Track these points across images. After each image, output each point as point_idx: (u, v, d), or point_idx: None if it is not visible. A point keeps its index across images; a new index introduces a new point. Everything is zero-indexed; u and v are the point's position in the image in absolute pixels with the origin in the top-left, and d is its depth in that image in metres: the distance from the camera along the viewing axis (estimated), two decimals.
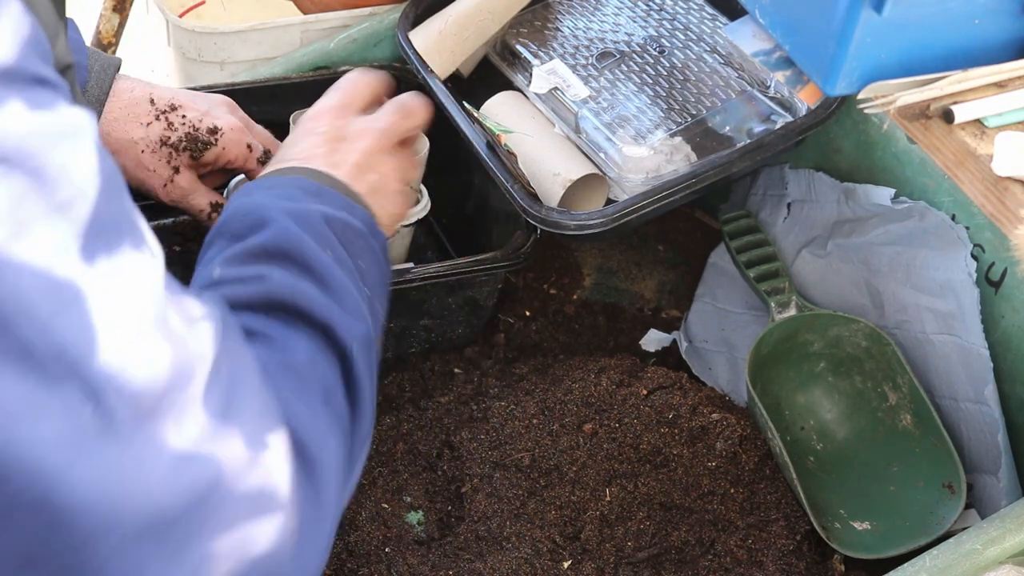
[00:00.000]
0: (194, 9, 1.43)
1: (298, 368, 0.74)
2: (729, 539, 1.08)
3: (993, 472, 1.11)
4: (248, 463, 0.62)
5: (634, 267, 1.40)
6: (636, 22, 1.32)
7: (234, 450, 0.61)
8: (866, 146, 1.21)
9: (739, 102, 1.21)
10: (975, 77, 1.06)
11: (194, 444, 0.59)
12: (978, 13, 1.06)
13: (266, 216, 0.82)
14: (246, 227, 0.82)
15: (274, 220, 0.81)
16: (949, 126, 1.05)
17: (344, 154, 0.94)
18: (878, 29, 1.04)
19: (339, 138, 0.95)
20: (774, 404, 1.19)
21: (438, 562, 1.06)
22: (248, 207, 0.84)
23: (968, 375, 1.12)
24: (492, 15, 1.29)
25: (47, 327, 0.52)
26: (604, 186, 1.19)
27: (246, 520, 0.62)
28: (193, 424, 0.59)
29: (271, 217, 0.82)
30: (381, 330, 0.87)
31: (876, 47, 1.05)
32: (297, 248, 0.80)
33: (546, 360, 1.25)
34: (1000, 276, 1.10)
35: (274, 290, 0.77)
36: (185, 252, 1.28)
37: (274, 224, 0.81)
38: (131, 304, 0.57)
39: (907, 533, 1.09)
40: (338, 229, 0.84)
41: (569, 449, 1.12)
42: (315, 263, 0.79)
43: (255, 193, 0.87)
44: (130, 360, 0.55)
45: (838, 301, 1.23)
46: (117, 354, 0.55)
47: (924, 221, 1.14)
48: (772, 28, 1.16)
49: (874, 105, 1.07)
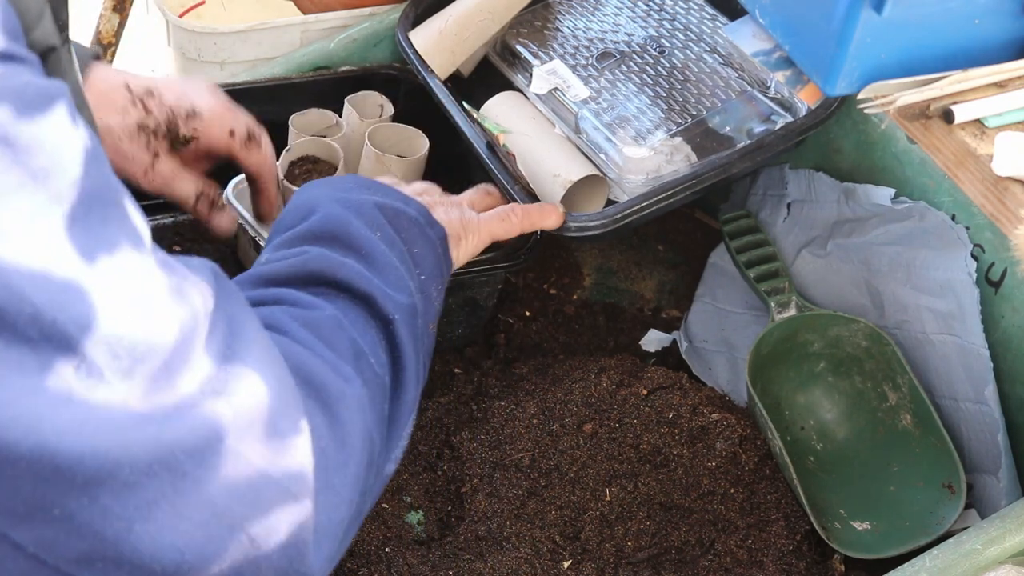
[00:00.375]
0: (194, 9, 1.43)
1: (320, 324, 0.76)
2: (729, 539, 1.08)
3: (993, 472, 1.11)
4: (254, 399, 0.63)
5: (634, 267, 1.40)
6: (636, 22, 1.32)
7: (240, 387, 0.62)
8: (866, 146, 1.21)
9: (739, 102, 1.21)
10: (975, 77, 1.06)
11: (199, 387, 0.59)
12: (978, 13, 1.06)
13: (315, 205, 0.87)
14: (296, 218, 0.87)
15: (322, 206, 0.86)
16: (949, 126, 1.05)
17: (432, 202, 1.00)
18: (878, 29, 1.04)
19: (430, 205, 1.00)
20: (774, 404, 1.19)
21: (438, 562, 1.06)
22: (300, 201, 0.89)
23: (968, 375, 1.12)
24: (492, 15, 1.29)
25: (33, 302, 0.52)
26: (604, 187, 1.19)
27: (260, 449, 0.62)
28: (198, 371, 0.59)
29: (319, 204, 0.86)
30: (436, 314, 0.91)
31: (876, 47, 1.05)
32: (343, 228, 0.84)
33: (546, 360, 1.25)
34: (1000, 276, 1.10)
35: (312, 265, 0.80)
36: (185, 252, 1.28)
37: (321, 209, 0.86)
38: (122, 271, 0.57)
39: (907, 533, 1.09)
40: (390, 215, 0.89)
41: (569, 449, 1.12)
42: (360, 241, 0.84)
43: (309, 189, 0.92)
44: (120, 321, 0.56)
45: (838, 301, 1.23)
46: (110, 320, 0.55)
47: (924, 221, 1.14)
48: (772, 28, 1.16)
49: (874, 105, 1.07)
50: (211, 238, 1.31)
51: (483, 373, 1.24)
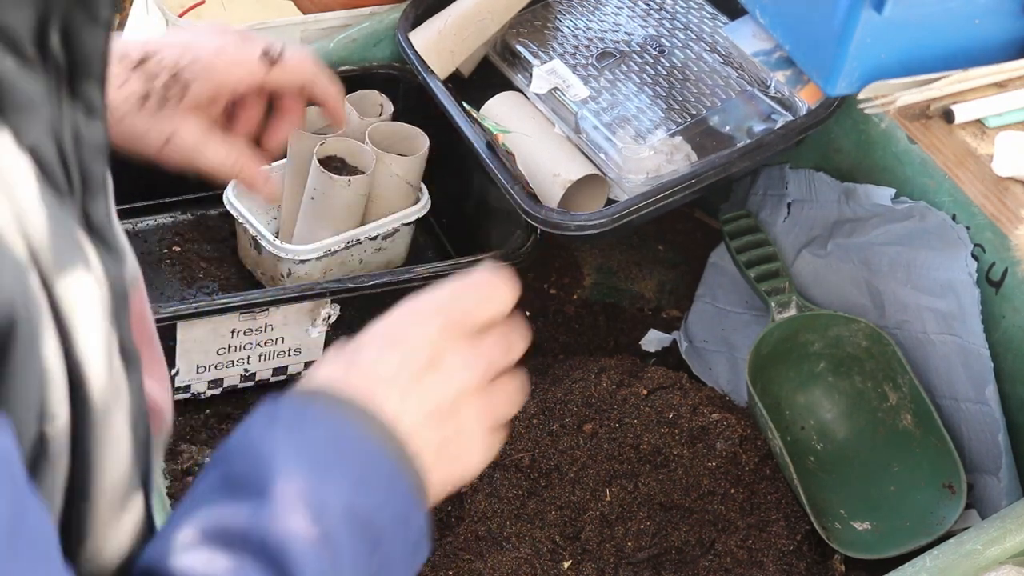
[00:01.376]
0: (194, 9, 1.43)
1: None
2: (729, 539, 1.08)
3: (993, 472, 1.11)
4: None
5: (634, 267, 1.40)
6: (636, 21, 1.32)
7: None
8: (866, 146, 1.21)
9: (739, 101, 1.21)
10: (975, 77, 1.06)
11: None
12: (978, 13, 1.06)
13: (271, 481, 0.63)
14: (244, 480, 0.64)
15: (276, 498, 0.63)
16: (949, 126, 1.05)
17: (428, 392, 0.71)
18: (878, 29, 1.04)
19: (433, 365, 0.72)
20: (774, 404, 1.19)
21: (438, 562, 1.05)
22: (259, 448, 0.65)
23: (968, 375, 1.12)
24: (492, 15, 1.29)
25: None
26: (604, 186, 1.19)
27: None
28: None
29: (275, 489, 0.63)
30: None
31: (876, 47, 1.05)
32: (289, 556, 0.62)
33: (546, 360, 1.25)
34: (1001, 276, 1.10)
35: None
36: (185, 252, 1.28)
37: (273, 503, 0.63)
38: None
39: (907, 533, 1.09)
40: (359, 526, 0.65)
41: (569, 449, 1.12)
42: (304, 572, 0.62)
43: (279, 422, 0.67)
44: None
45: (838, 301, 1.23)
46: None
47: (924, 221, 1.14)
48: (772, 28, 1.16)
49: (874, 105, 1.07)
50: (211, 238, 1.31)
51: None
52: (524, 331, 0.77)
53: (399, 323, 0.74)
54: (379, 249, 1.25)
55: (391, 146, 1.24)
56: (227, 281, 1.27)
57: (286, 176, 1.25)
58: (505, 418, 0.77)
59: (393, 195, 1.24)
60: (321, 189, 1.19)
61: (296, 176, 1.23)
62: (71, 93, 0.56)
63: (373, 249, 1.24)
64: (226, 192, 1.23)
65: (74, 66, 0.56)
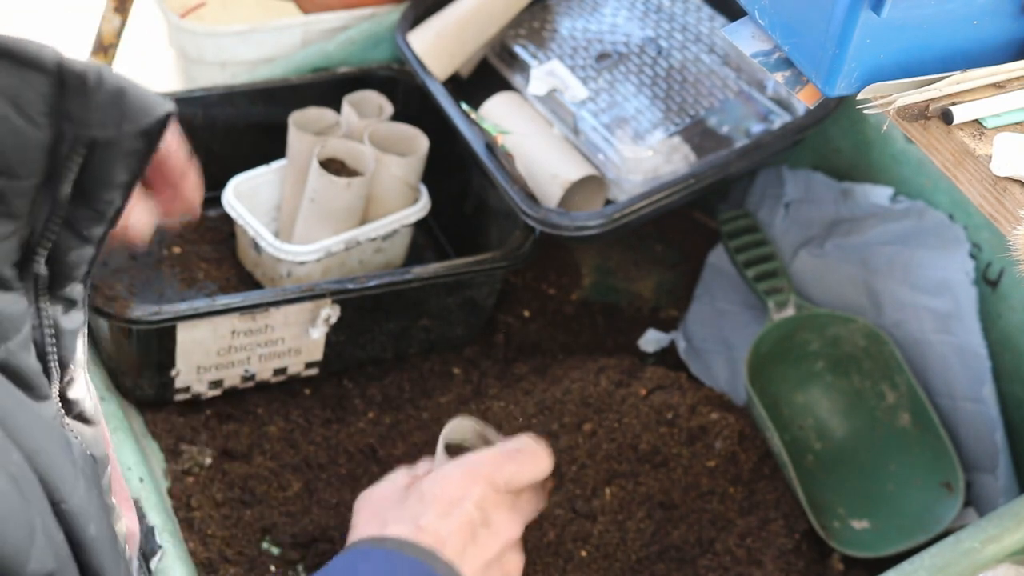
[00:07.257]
0: (196, 10, 1.43)
1: None
2: (728, 538, 1.08)
3: (991, 470, 1.11)
4: None
5: (633, 267, 1.40)
6: (634, 22, 1.32)
7: None
8: (864, 146, 1.22)
9: (737, 102, 1.21)
10: (974, 78, 1.06)
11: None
12: (977, 14, 1.07)
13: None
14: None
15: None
16: (948, 127, 1.05)
17: (481, 547, 0.91)
18: (877, 30, 1.04)
19: (485, 522, 0.92)
20: (773, 403, 1.19)
21: None
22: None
23: (966, 374, 1.13)
24: (491, 16, 1.29)
25: None
26: (603, 187, 1.19)
27: None
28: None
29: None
30: None
31: (875, 48, 1.06)
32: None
33: (545, 360, 1.26)
34: (998, 275, 1.10)
35: None
36: (185, 252, 1.29)
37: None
38: None
39: (906, 532, 1.09)
40: None
41: (568, 449, 1.12)
42: None
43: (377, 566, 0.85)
44: None
45: (836, 300, 1.24)
46: None
47: (922, 221, 1.15)
48: (771, 29, 1.16)
49: (873, 106, 1.07)
50: (211, 239, 1.31)
51: (482, 373, 1.24)
52: (549, 457, 0.99)
53: (455, 485, 0.91)
54: (378, 250, 1.25)
55: (390, 147, 1.24)
56: (227, 282, 1.27)
57: (286, 177, 1.25)
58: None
59: (392, 196, 1.24)
60: (321, 191, 1.19)
61: (296, 178, 1.24)
62: (51, 297, 0.58)
63: (373, 250, 1.24)
64: (225, 193, 1.23)
65: (57, 277, 0.58)
